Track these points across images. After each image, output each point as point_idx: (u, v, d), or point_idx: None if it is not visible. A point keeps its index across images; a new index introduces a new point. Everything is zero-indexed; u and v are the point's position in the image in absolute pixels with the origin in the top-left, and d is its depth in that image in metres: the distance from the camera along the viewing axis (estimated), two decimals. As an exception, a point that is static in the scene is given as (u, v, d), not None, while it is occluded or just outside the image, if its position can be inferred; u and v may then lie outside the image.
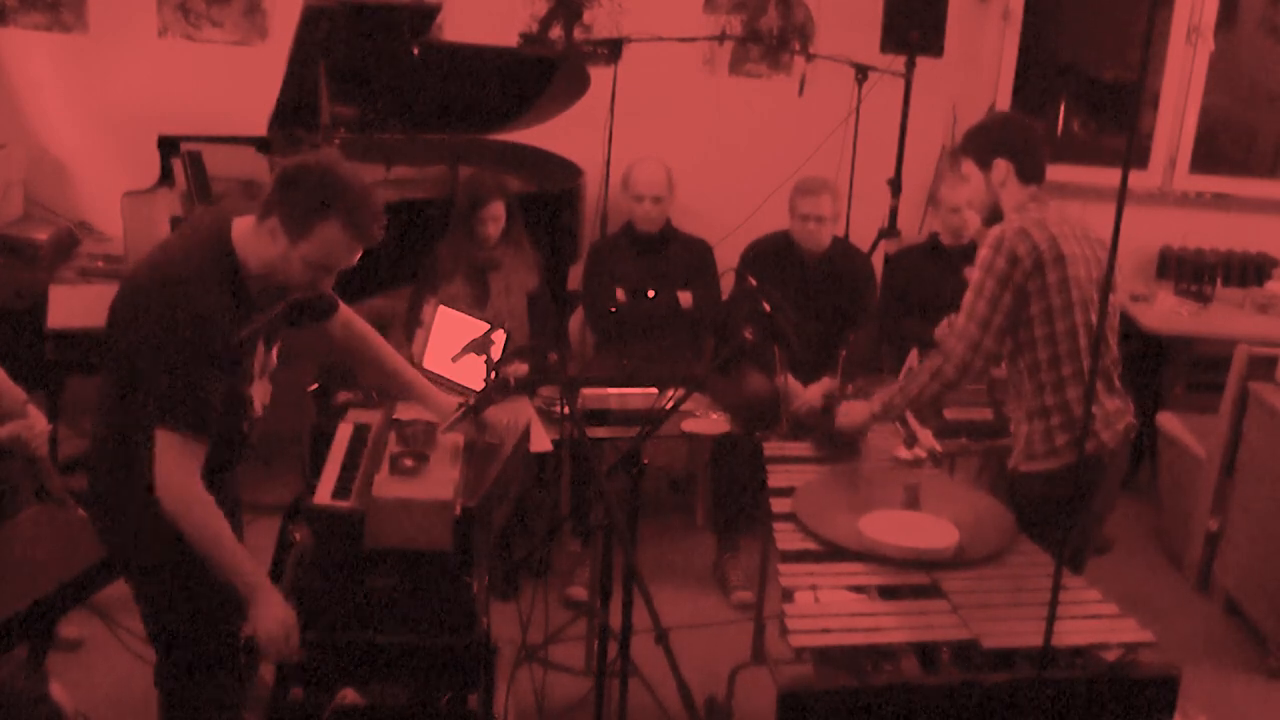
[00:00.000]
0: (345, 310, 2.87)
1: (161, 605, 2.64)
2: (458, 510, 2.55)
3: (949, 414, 3.59)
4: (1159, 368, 5.12)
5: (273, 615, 2.43)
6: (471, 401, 2.79)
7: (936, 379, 2.96)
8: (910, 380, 3.05)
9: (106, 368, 2.56)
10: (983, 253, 2.92)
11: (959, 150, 3.13)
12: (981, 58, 5.55)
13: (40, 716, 2.58)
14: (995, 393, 3.62)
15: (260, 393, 2.68)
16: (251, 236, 2.45)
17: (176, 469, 2.39)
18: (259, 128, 4.52)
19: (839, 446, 3.14)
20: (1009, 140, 3.01)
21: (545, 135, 5.17)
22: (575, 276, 4.96)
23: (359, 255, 2.47)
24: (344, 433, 2.86)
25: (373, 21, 4.45)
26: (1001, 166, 2.99)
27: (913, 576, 2.51)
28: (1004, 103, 5.62)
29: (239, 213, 2.51)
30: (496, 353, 2.98)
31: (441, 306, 3.79)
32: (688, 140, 5.29)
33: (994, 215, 3.04)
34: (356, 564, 2.54)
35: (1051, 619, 1.99)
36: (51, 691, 2.81)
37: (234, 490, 2.83)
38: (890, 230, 5.18)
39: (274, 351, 2.72)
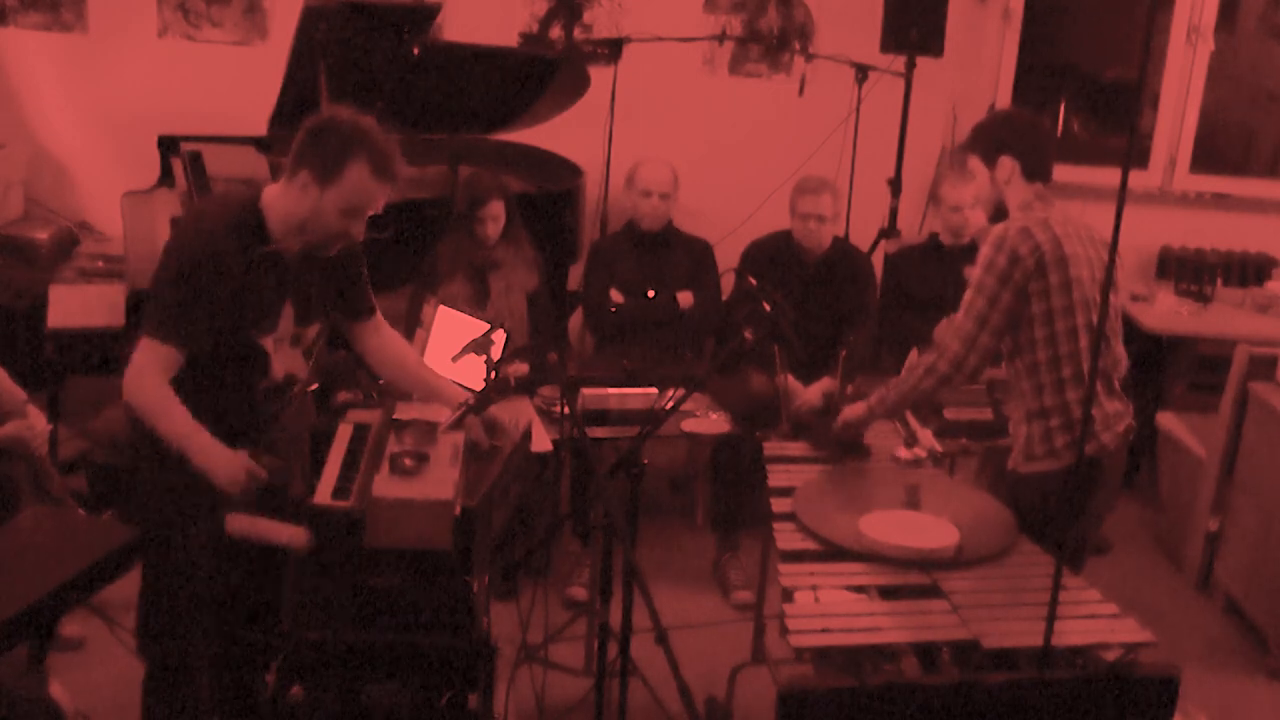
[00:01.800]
0: (380, 318, 2.94)
1: (164, 552, 2.69)
2: (458, 510, 2.55)
3: (949, 414, 3.59)
4: (1159, 368, 5.12)
5: (221, 460, 2.54)
6: (472, 401, 2.79)
7: (930, 375, 2.96)
8: (906, 376, 3.05)
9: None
10: (984, 250, 2.91)
11: (965, 146, 3.12)
12: (981, 58, 5.56)
13: (40, 716, 2.59)
14: (995, 393, 3.62)
15: (284, 358, 2.74)
16: (281, 195, 2.60)
17: (146, 370, 2.55)
18: (259, 128, 4.52)
19: (845, 450, 3.13)
20: (1015, 137, 2.99)
21: (545, 135, 5.17)
22: (575, 276, 4.96)
23: (384, 199, 2.62)
24: (344, 433, 2.86)
25: (373, 21, 4.45)
26: (1006, 164, 2.97)
27: (913, 576, 2.50)
28: (1004, 102, 5.62)
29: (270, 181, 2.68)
30: (496, 353, 2.98)
31: (441, 306, 3.79)
32: (688, 140, 5.29)
33: (999, 213, 3.03)
34: (356, 564, 2.54)
35: (1051, 619, 1.99)
36: (51, 691, 2.82)
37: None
38: (890, 230, 5.18)
39: (312, 330, 2.79)
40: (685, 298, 4.58)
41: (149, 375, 2.55)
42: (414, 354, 3.03)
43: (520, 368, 3.74)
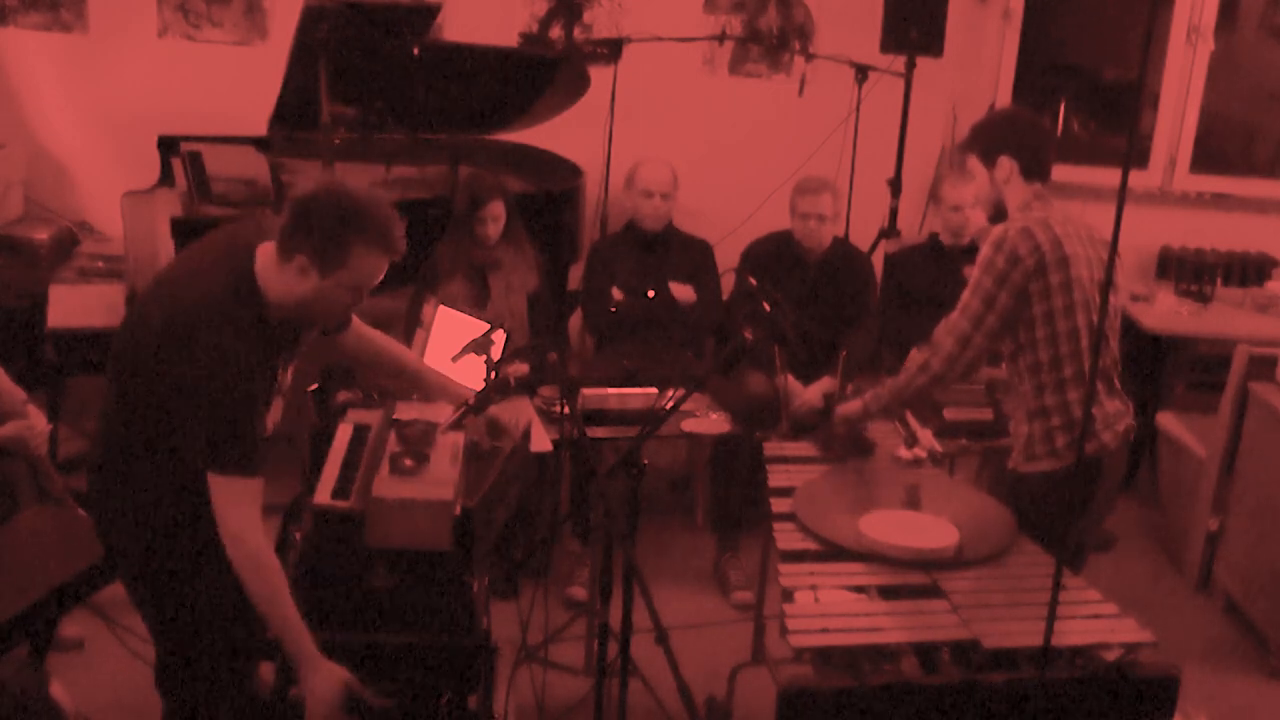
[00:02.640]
0: (355, 320, 2.88)
1: (159, 610, 2.63)
2: (458, 510, 2.55)
3: (949, 414, 3.59)
4: (1159, 368, 5.12)
5: (320, 685, 2.41)
6: (472, 401, 2.79)
7: (924, 373, 2.96)
8: (900, 374, 3.05)
9: (117, 384, 2.52)
10: (984, 251, 2.91)
11: (964, 146, 3.12)
12: (981, 58, 5.56)
13: (40, 716, 2.59)
14: (995, 393, 3.62)
15: (273, 415, 2.68)
16: (276, 273, 2.41)
17: (235, 515, 2.38)
18: (259, 128, 4.52)
19: (851, 451, 3.13)
20: (1014, 137, 2.99)
21: (545, 135, 5.17)
22: (575, 276, 4.96)
23: (385, 270, 2.47)
24: (344, 433, 2.86)
25: (373, 21, 4.45)
26: (1006, 164, 2.97)
27: (913, 576, 2.50)
28: (1004, 102, 5.62)
29: (259, 237, 2.47)
30: (496, 353, 2.98)
31: (441, 306, 3.79)
32: (688, 140, 5.29)
33: (999, 213, 3.03)
34: (356, 564, 2.54)
35: (1051, 619, 1.99)
36: (52, 691, 2.82)
37: None
38: (890, 230, 5.18)
39: (289, 372, 2.71)
40: (682, 290, 4.55)
41: (251, 522, 2.39)
42: (398, 345, 2.98)
43: (520, 368, 3.74)
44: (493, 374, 2.87)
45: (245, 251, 2.45)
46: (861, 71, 5.08)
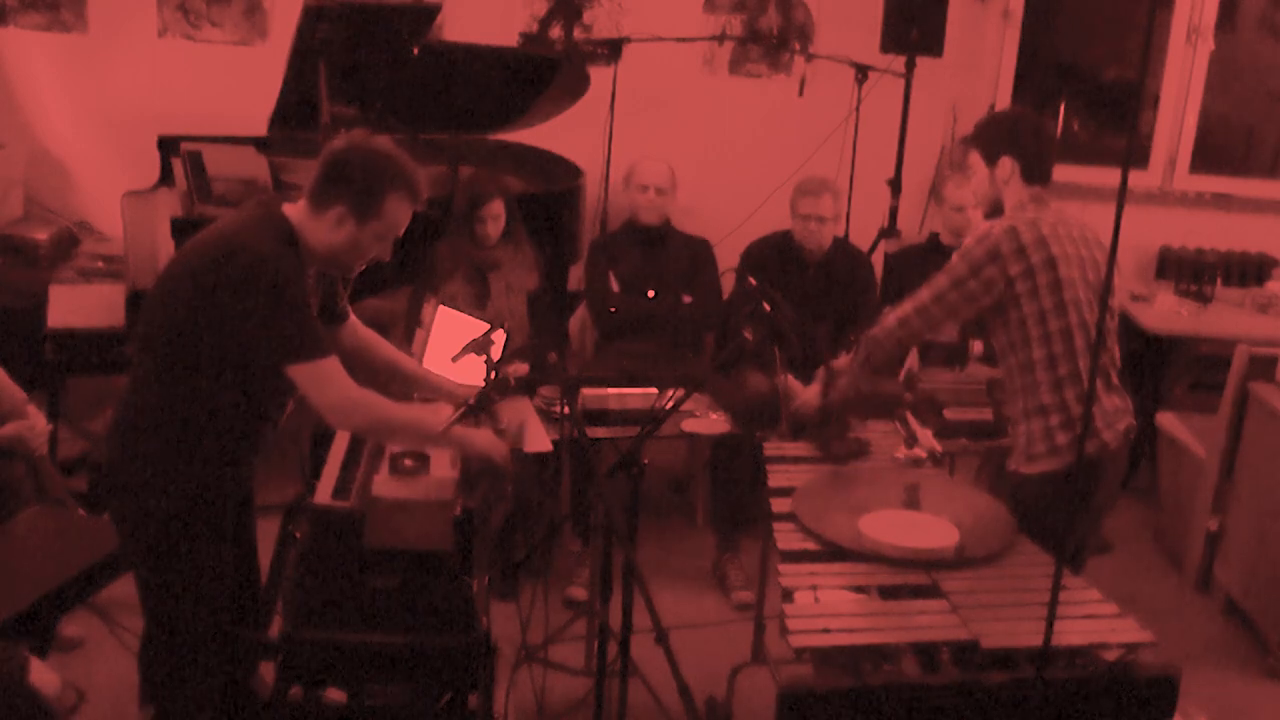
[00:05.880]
0: (355, 319, 2.92)
1: (159, 576, 2.64)
2: (458, 510, 2.55)
3: (949, 414, 3.59)
4: (1159, 368, 5.12)
5: (482, 445, 2.68)
6: (471, 401, 2.79)
7: (894, 316, 3.02)
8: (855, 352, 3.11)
9: (152, 348, 2.56)
10: (966, 241, 2.94)
11: (968, 141, 3.12)
12: (981, 58, 5.56)
13: (18, 701, 2.58)
14: (995, 393, 3.62)
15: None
16: (310, 224, 2.56)
17: (328, 394, 2.51)
18: (259, 128, 4.52)
19: (850, 451, 3.13)
20: (1018, 139, 2.99)
21: (545, 135, 5.17)
22: (575, 276, 4.96)
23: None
24: (344, 433, 2.86)
25: (373, 21, 4.45)
26: (1007, 164, 2.98)
27: (913, 576, 2.50)
28: (1004, 103, 5.62)
29: (281, 200, 2.63)
30: (496, 353, 2.98)
31: (441, 306, 3.79)
32: (688, 140, 5.29)
33: (995, 211, 3.04)
34: (356, 564, 2.54)
35: (1051, 619, 1.99)
36: (32, 678, 2.79)
37: (250, 482, 2.84)
38: (890, 230, 5.18)
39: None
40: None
41: (342, 393, 2.52)
42: (394, 348, 3.01)
43: (520, 368, 3.75)
44: (493, 374, 2.87)
45: (277, 210, 2.58)
46: (861, 71, 5.08)
